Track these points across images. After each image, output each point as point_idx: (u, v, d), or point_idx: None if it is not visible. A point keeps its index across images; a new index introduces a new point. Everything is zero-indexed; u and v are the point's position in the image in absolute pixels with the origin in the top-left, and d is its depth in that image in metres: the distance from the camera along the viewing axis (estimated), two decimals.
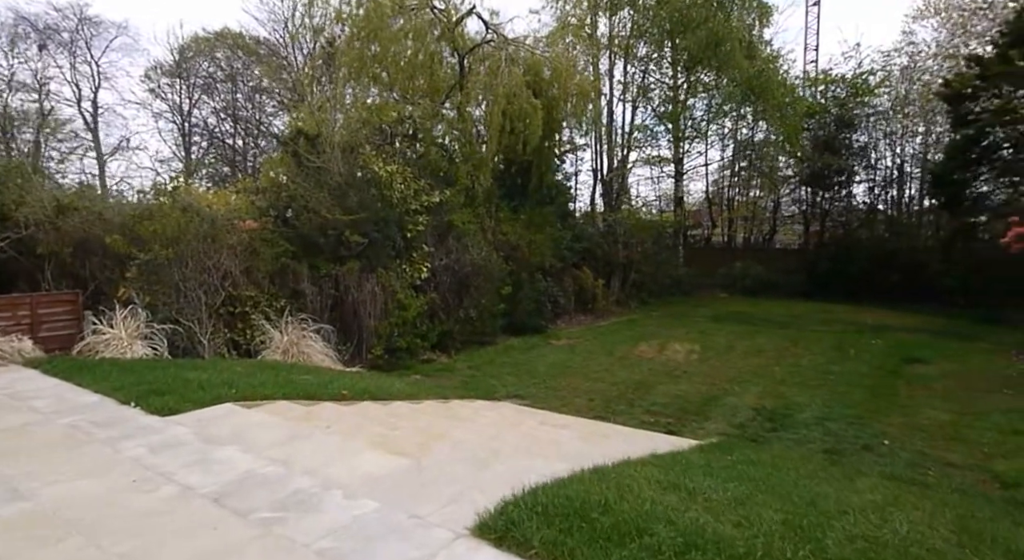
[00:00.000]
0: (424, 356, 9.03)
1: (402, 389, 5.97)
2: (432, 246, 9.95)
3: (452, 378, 7.97)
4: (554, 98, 13.13)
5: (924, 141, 19.53)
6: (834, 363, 8.77)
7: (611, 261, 15.36)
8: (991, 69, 11.25)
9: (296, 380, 5.26)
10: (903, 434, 5.47)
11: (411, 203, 9.66)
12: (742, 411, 6.24)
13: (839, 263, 17.21)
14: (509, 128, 11.83)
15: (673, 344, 10.33)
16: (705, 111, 18.36)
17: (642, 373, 8.20)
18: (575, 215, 16.98)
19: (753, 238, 22.55)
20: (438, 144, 12.88)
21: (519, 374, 8.18)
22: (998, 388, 7.21)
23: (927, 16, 18.31)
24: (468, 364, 8.85)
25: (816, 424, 5.73)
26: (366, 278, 8.57)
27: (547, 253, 12.08)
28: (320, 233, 8.65)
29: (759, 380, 7.75)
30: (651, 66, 17.69)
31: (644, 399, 6.79)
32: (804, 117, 16.44)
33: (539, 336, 11.13)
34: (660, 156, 19.60)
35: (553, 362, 8.98)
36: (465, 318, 9.84)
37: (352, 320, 8.58)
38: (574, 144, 17.17)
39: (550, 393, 7.10)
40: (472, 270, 10.11)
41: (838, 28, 41.98)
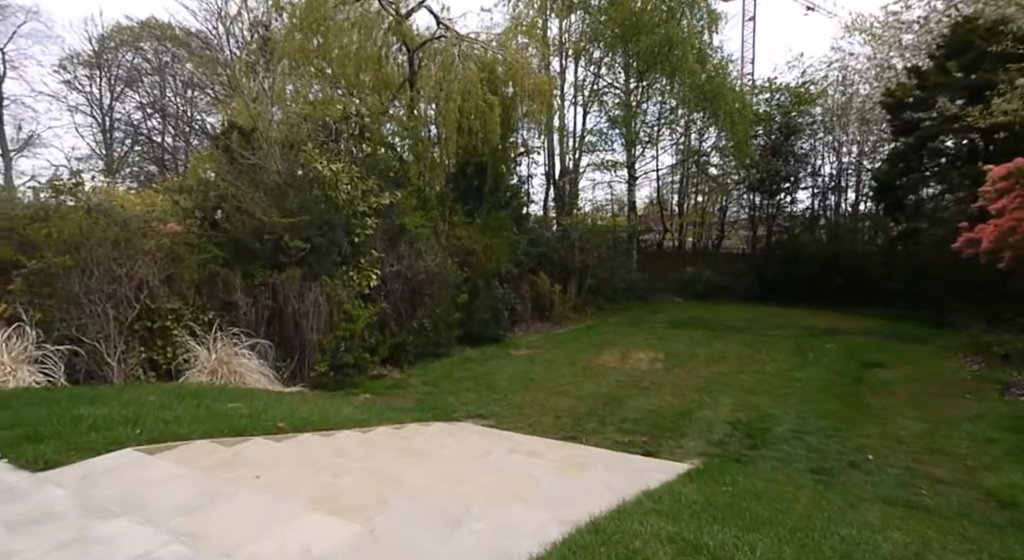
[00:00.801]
0: (374, 371, 8.29)
1: (350, 414, 5.26)
2: (382, 251, 9.21)
3: (406, 396, 7.29)
4: (510, 97, 12.69)
5: (859, 150, 20.45)
6: (797, 369, 8.68)
7: (567, 266, 15.03)
8: (930, 80, 11.68)
9: (222, 410, 4.47)
10: (883, 447, 5.26)
11: (359, 205, 8.90)
12: (718, 426, 5.90)
13: (786, 267, 17.63)
14: (467, 127, 11.27)
15: (636, 352, 10.02)
16: (657, 116, 18.45)
17: (608, 385, 7.79)
18: (530, 219, 16.55)
19: (702, 243, 22.89)
20: (387, 144, 12.15)
21: (479, 389, 7.59)
22: (958, 393, 7.24)
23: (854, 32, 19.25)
24: (423, 379, 8.18)
25: (795, 439, 5.46)
26: (308, 287, 7.76)
27: (504, 258, 11.56)
28: (255, 237, 7.77)
29: (728, 389, 7.50)
30: (604, 70, 17.58)
31: (615, 415, 6.36)
32: (752, 124, 16.75)
33: (497, 346, 10.58)
34: (613, 161, 19.55)
35: (514, 374, 8.44)
36: (419, 329, 9.16)
37: (293, 334, 7.74)
38: (528, 146, 16.78)
39: (514, 411, 6.56)
40: (426, 277, 9.45)
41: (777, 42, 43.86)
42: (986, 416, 6.22)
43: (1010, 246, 7.06)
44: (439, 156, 11.60)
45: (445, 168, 12.01)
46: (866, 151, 20.18)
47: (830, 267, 16.95)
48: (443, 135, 11.63)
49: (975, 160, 11.46)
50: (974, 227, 7.96)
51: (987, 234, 7.19)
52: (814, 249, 17.63)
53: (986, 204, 7.72)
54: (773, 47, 47.32)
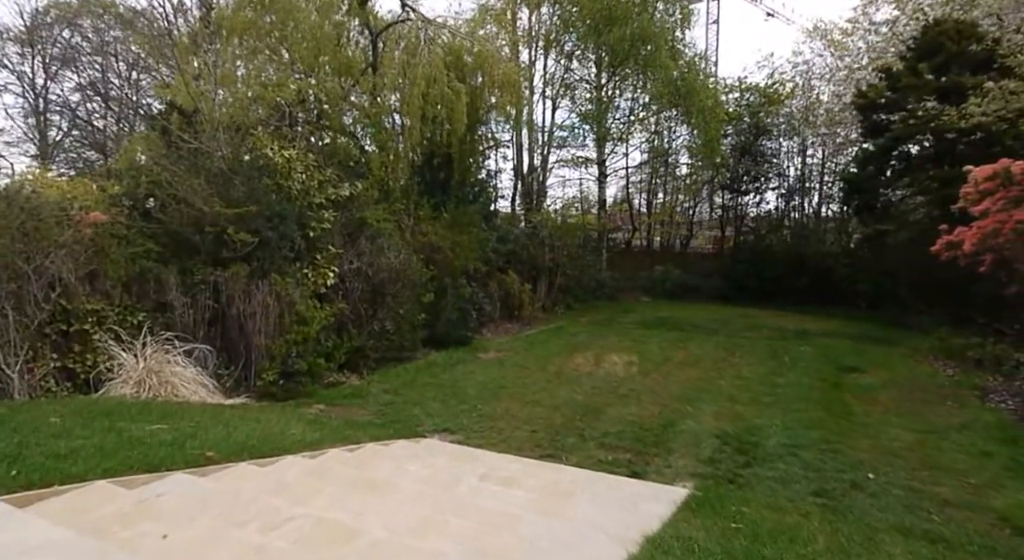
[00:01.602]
0: (330, 378, 7.57)
1: (298, 434, 4.58)
2: (340, 247, 8.48)
3: (365, 407, 6.61)
4: (478, 87, 12.06)
5: (822, 152, 20.72)
6: (775, 374, 8.42)
7: (537, 264, 14.54)
8: (902, 81, 11.68)
9: (138, 435, 3.74)
10: (880, 462, 4.94)
11: (314, 196, 8.15)
12: (705, 440, 5.49)
13: (754, 267, 17.63)
14: (431, 115, 10.59)
15: (609, 355, 9.60)
16: (628, 112, 18.14)
17: (584, 392, 7.31)
18: (498, 215, 16.00)
19: (670, 242, 22.81)
20: (348, 132, 11.36)
21: (445, 398, 6.98)
22: (939, 400, 7.08)
23: (815, 37, 19.50)
24: (384, 386, 7.51)
25: (789, 454, 5.08)
26: (256, 285, 6.97)
27: (472, 256, 10.95)
28: (195, 230, 6.95)
29: (709, 397, 7.13)
30: (575, 63, 17.15)
31: (594, 427, 5.87)
32: (724, 123, 16.64)
33: (464, 349, 9.97)
34: (583, 157, 19.17)
35: (483, 381, 7.87)
36: (380, 331, 8.46)
37: (237, 338, 6.95)
38: (497, 140, 16.17)
39: (485, 424, 5.98)
40: (388, 275, 8.75)
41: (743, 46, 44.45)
42: (972, 426, 6.02)
43: (992, 249, 6.94)
44: (403, 147, 10.88)
45: (410, 159, 11.29)
46: (829, 154, 20.47)
47: (797, 268, 17.04)
48: (407, 124, 10.92)
49: (942, 163, 11.52)
50: (953, 229, 7.84)
51: (969, 237, 7.05)
52: (781, 250, 17.70)
53: (967, 206, 7.60)
54: (739, 50, 48.02)
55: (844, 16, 17.46)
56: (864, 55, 15.04)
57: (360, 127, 11.66)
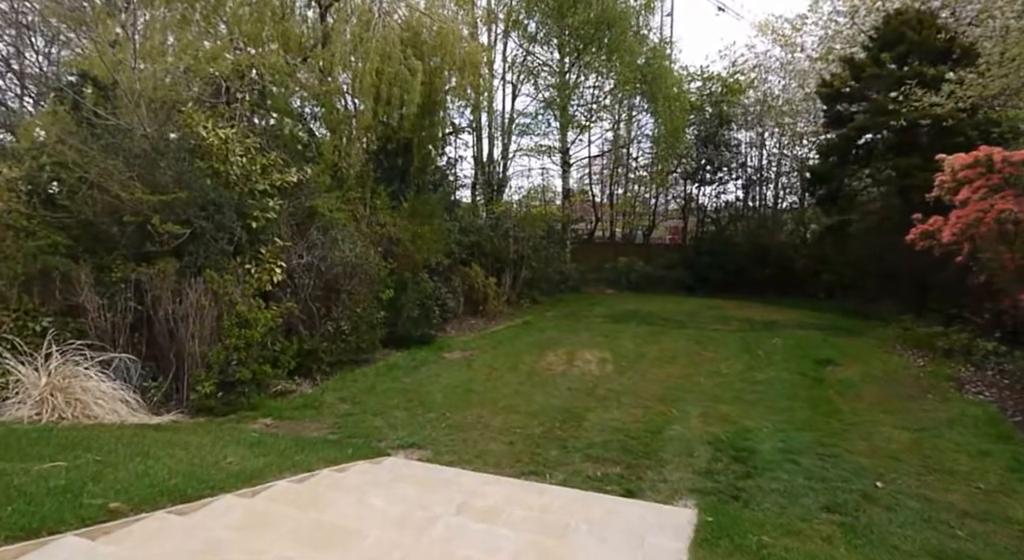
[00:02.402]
0: (278, 387, 6.74)
1: (235, 463, 3.85)
2: (288, 239, 7.62)
3: (319, 419, 5.86)
4: (437, 67, 11.27)
5: (779, 143, 20.95)
6: (753, 369, 8.16)
7: (501, 257, 13.93)
8: (865, 70, 11.66)
9: (22, 481, 2.94)
10: (882, 467, 4.64)
11: (257, 182, 7.27)
12: (697, 447, 5.06)
13: (718, 258, 17.63)
14: (386, 96, 9.76)
15: (582, 352, 9.14)
16: (592, 99, 17.69)
17: (561, 395, 6.79)
18: (460, 205, 15.29)
19: (633, 233, 22.64)
20: (295, 114, 10.38)
21: (410, 406, 6.31)
22: (920, 393, 6.95)
23: (767, 32, 19.67)
24: (340, 394, 6.76)
25: (787, 461, 4.71)
26: (189, 284, 6.08)
27: (434, 248, 10.24)
28: (113, 220, 5.99)
29: (691, 397, 6.75)
30: (538, 47, 16.53)
31: (576, 436, 5.35)
32: (688, 112, 16.43)
33: (428, 348, 9.28)
34: (547, 145, 18.64)
35: (450, 384, 7.23)
36: (335, 332, 7.67)
37: (167, 345, 6.05)
38: (456, 126, 15.40)
39: (455, 436, 5.36)
40: (343, 270, 7.96)
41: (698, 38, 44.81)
42: (961, 421, 5.85)
43: (972, 238, 6.83)
44: (356, 129, 10.02)
45: (365, 144, 10.44)
46: (785, 145, 20.72)
47: (759, 259, 17.13)
48: (360, 105, 10.06)
49: (902, 153, 11.59)
50: (927, 219, 7.73)
51: (949, 226, 6.92)
52: (744, 241, 17.76)
53: (942, 194, 7.49)
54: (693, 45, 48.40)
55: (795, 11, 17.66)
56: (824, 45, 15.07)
57: (310, 108, 10.69)
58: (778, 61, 19.09)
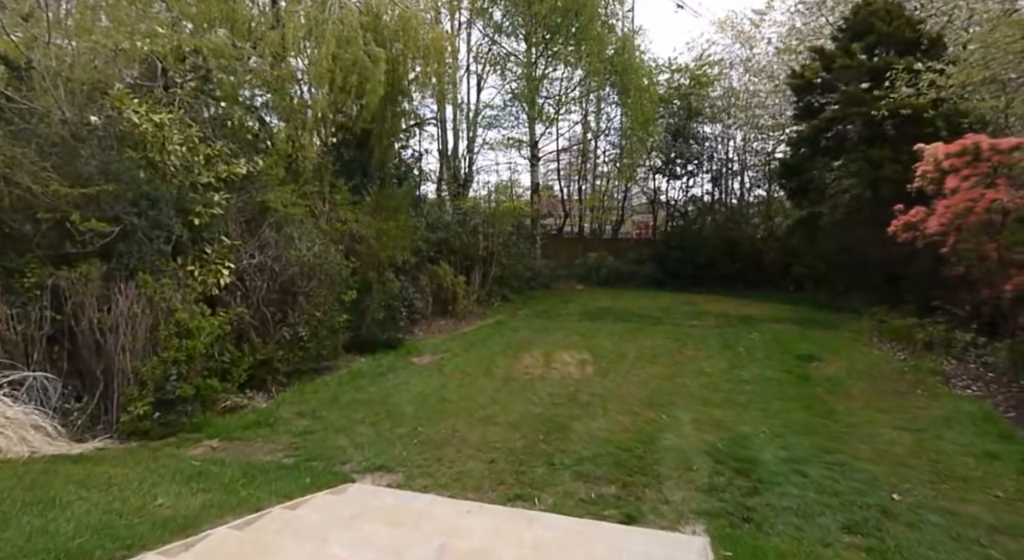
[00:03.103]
0: (227, 402, 6.02)
1: (167, 506, 3.21)
2: (238, 238, 6.89)
3: (272, 440, 5.20)
4: (399, 55, 10.58)
5: (745, 137, 20.99)
6: (737, 367, 7.86)
7: (470, 254, 13.37)
8: (836, 61, 11.58)
9: None
10: (893, 476, 4.33)
11: (200, 174, 6.52)
12: (695, 459, 4.65)
13: (687, 252, 17.51)
14: (342, 83, 9.04)
15: (559, 353, 8.69)
16: (560, 92, 17.25)
17: (542, 402, 6.30)
18: (426, 201, 14.62)
19: (602, 228, 22.37)
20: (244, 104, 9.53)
21: (377, 420, 5.71)
22: (908, 389, 6.76)
23: (726, 28, 19.73)
24: (298, 408, 6.09)
25: (793, 473, 4.35)
26: (118, 289, 5.31)
27: (400, 245, 9.59)
28: (24, 217, 5.17)
29: (680, 400, 6.36)
30: (505, 37, 15.97)
31: (563, 450, 4.87)
32: (657, 104, 16.18)
33: (395, 353, 8.65)
34: (515, 139, 18.13)
35: (421, 393, 6.65)
36: (292, 339, 6.98)
37: (93, 360, 5.27)
38: (421, 117, 14.70)
39: (430, 454, 4.80)
40: (300, 271, 7.26)
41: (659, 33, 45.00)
42: (958, 419, 5.65)
43: (959, 229, 6.67)
44: (312, 119, 9.27)
45: (322, 135, 9.70)
46: (750, 138, 20.77)
47: (728, 253, 17.08)
48: (316, 92, 9.30)
49: (872, 145, 11.57)
50: (909, 209, 7.58)
51: (937, 216, 6.75)
52: (714, 235, 17.69)
53: (924, 185, 7.34)
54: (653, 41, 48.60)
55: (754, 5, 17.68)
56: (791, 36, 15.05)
57: (262, 97, 9.84)
58: (738, 58, 19.24)
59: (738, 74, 19.45)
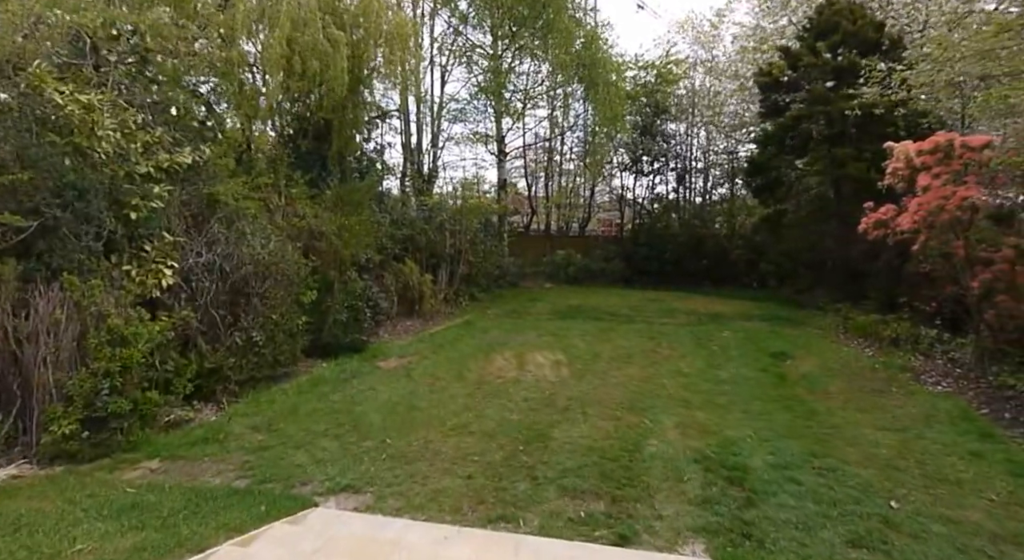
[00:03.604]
0: (170, 416, 5.42)
1: (88, 551, 2.71)
2: (182, 234, 6.27)
3: (223, 459, 4.67)
4: (360, 40, 10.03)
5: (708, 135, 21.20)
6: (713, 367, 7.73)
7: (436, 251, 12.90)
8: (803, 59, 11.66)
9: None
10: (886, 481, 4.20)
11: (138, 163, 5.86)
12: (684, 468, 4.40)
13: (655, 250, 17.51)
14: (301, 69, 8.47)
15: (532, 354, 8.37)
16: (528, 86, 16.92)
17: (518, 407, 5.96)
18: (390, 196, 14.06)
19: (568, 226, 22.22)
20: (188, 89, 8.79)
21: (341, 432, 5.24)
22: (883, 386, 6.75)
23: (686, 29, 19.93)
24: (252, 421, 5.56)
25: (786, 480, 4.15)
26: (39, 293, 4.67)
27: (363, 242, 9.06)
28: None
29: (661, 403, 6.14)
30: (470, 28, 15.51)
31: (545, 462, 4.54)
32: (625, 100, 16.06)
33: (359, 356, 8.15)
34: (482, 133, 17.70)
35: (389, 401, 6.20)
36: (245, 344, 6.40)
37: (8, 373, 4.61)
38: (383, 109, 14.09)
39: (401, 471, 4.39)
40: (254, 270, 6.69)
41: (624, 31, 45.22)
42: (936, 417, 5.62)
43: (930, 226, 6.69)
44: (268, 107, 8.64)
45: (279, 124, 9.07)
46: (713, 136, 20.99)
47: (695, 250, 17.17)
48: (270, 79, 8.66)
49: (836, 143, 11.71)
50: (879, 206, 7.60)
51: (910, 213, 6.75)
52: (681, 232, 17.74)
53: (894, 182, 7.36)
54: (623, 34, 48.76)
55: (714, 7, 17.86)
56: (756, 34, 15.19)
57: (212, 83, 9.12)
58: (699, 58, 19.43)
59: (701, 74, 19.66)
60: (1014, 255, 6.55)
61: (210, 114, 8.18)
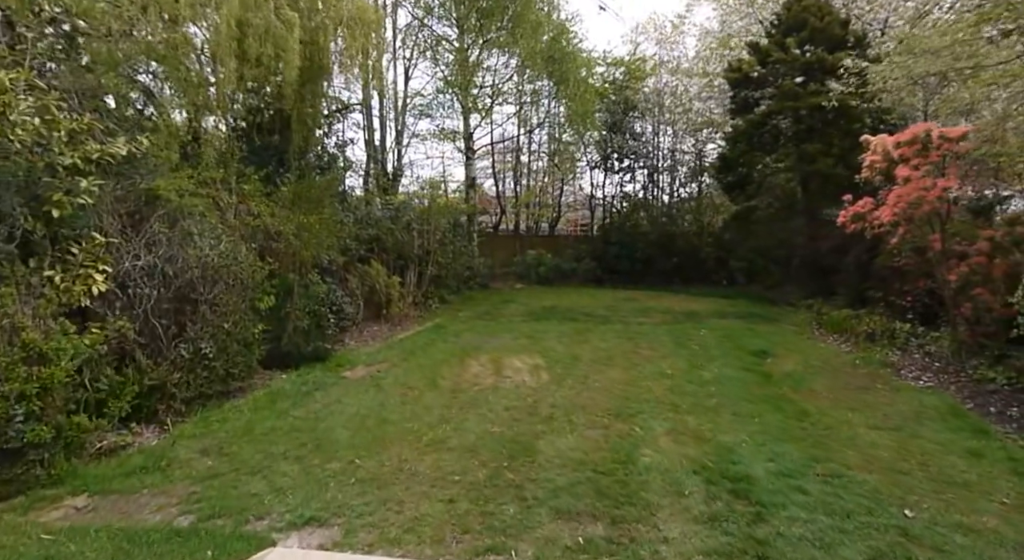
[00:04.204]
0: (103, 442, 4.76)
1: None
2: (117, 234, 5.58)
3: (164, 491, 4.07)
4: (319, 26, 9.40)
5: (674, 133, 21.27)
6: (696, 367, 7.48)
7: (404, 252, 12.33)
8: (772, 55, 11.65)
9: None
10: (894, 486, 3.99)
11: (62, 154, 5.14)
12: (683, 481, 4.07)
13: (626, 249, 17.38)
14: (254, 55, 7.82)
15: (508, 358, 7.97)
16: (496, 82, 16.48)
17: (499, 418, 5.53)
18: (353, 195, 13.42)
19: (538, 225, 21.91)
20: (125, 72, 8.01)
21: (303, 454, 4.70)
22: (867, 383, 6.64)
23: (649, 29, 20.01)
24: (201, 444, 4.95)
25: (792, 490, 3.88)
26: None
27: (326, 243, 8.45)
28: None
29: (648, 408, 5.81)
30: (436, 20, 14.99)
31: (534, 479, 4.13)
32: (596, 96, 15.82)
33: (323, 366, 7.55)
34: (450, 130, 17.18)
35: (357, 415, 5.68)
36: (192, 357, 5.75)
37: None
38: (345, 102, 13.43)
39: (373, 498, 3.90)
40: (202, 274, 6.05)
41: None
42: (926, 413, 5.51)
43: (909, 219, 6.63)
44: (218, 95, 7.94)
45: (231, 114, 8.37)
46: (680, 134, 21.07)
47: (666, 248, 17.12)
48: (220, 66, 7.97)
49: (806, 139, 11.75)
50: (857, 199, 7.53)
51: (889, 206, 6.66)
52: (652, 231, 17.66)
53: (872, 175, 7.30)
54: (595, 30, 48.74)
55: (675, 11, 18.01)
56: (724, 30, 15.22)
57: (147, 67, 8.34)
58: (662, 59, 19.49)
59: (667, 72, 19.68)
60: (990, 248, 6.54)
61: (150, 101, 7.44)
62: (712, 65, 15.99)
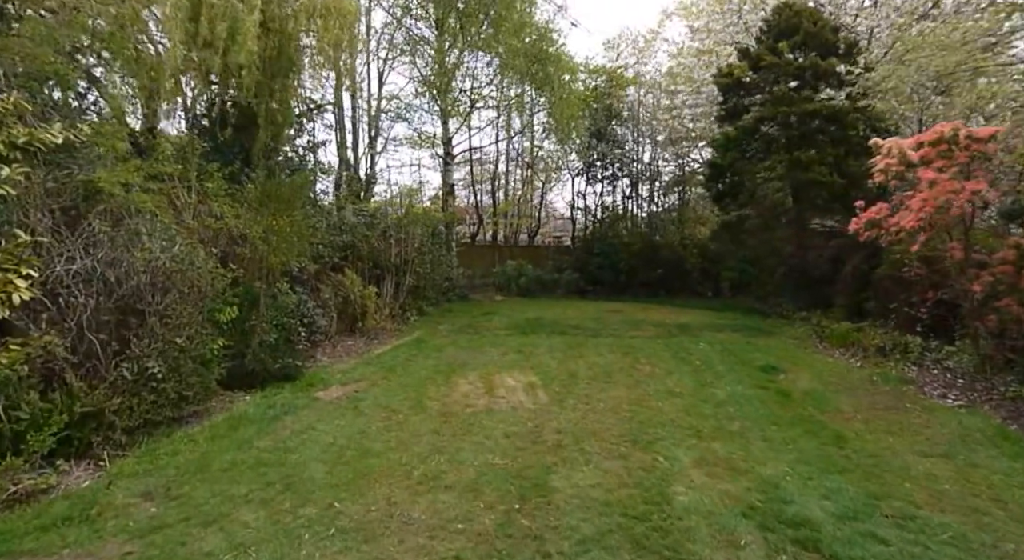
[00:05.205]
0: (18, 487, 3.85)
1: None
2: (47, 233, 4.70)
3: (90, 552, 3.22)
4: (290, 14, 8.64)
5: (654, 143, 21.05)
6: (705, 385, 6.91)
7: (380, 261, 11.53)
8: (763, 59, 11.39)
9: None
10: (979, 529, 3.46)
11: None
12: (734, 526, 3.43)
13: (609, 259, 16.91)
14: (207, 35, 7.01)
15: (500, 375, 7.27)
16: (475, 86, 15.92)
17: (499, 447, 4.81)
18: (326, 199, 12.57)
19: (517, 235, 21.31)
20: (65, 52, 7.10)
21: (270, 496, 3.88)
22: (895, 403, 6.15)
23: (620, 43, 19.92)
24: (143, 485, 4.08)
25: (863, 536, 3.30)
26: None
27: (296, 249, 7.62)
28: None
29: (666, 432, 5.18)
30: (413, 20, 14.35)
31: (554, 528, 3.43)
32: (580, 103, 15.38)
33: (293, 386, 6.69)
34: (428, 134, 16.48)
35: (334, 445, 4.87)
36: (137, 378, 4.87)
37: None
38: (317, 102, 12.60)
39: (358, 555, 3.14)
40: (151, 280, 5.18)
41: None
42: (972, 436, 5.03)
43: (932, 225, 6.24)
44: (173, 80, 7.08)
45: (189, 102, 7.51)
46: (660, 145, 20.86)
47: (650, 259, 16.72)
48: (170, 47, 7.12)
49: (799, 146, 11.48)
50: (870, 206, 7.14)
51: (915, 211, 6.25)
52: (635, 240, 17.25)
53: (886, 180, 6.92)
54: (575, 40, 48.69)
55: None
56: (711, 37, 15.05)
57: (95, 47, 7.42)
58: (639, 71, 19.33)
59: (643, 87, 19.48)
60: (1016, 256, 6.18)
61: (93, 85, 6.55)
62: (697, 73, 15.76)
